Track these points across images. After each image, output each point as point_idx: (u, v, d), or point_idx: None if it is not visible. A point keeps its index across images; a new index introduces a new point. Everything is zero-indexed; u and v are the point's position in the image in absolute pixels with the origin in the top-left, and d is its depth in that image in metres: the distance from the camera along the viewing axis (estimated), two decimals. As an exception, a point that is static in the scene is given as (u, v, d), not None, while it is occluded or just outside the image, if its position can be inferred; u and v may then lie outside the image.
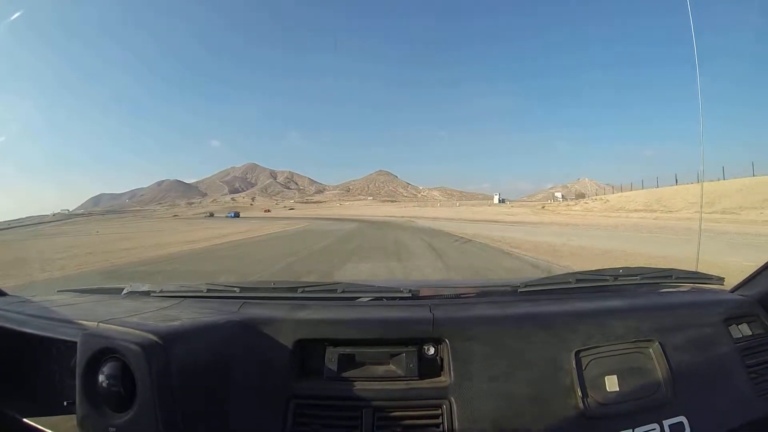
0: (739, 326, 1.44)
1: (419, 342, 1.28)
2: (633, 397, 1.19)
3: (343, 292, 1.54)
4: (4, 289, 1.78)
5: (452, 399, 1.17)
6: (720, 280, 1.70)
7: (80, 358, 1.11)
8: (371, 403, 1.18)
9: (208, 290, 1.65)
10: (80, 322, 1.26)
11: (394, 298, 1.55)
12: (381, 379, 1.24)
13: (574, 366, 1.21)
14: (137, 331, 1.11)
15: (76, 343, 1.14)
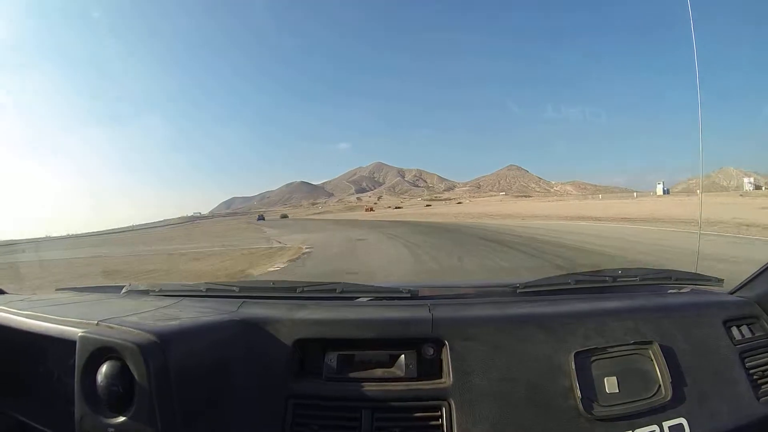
0: (739, 328, 1.44)
1: (418, 342, 1.28)
2: (632, 399, 1.19)
3: (342, 292, 1.56)
4: (3, 288, 1.81)
5: (451, 400, 1.17)
6: (719, 281, 1.71)
7: (79, 358, 1.11)
8: (370, 404, 1.18)
9: (207, 289, 1.66)
10: (79, 321, 1.25)
11: (393, 299, 1.57)
12: (380, 379, 1.24)
13: (574, 367, 1.20)
14: (136, 331, 1.11)
15: (74, 342, 1.13)
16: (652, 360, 1.26)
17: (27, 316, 1.39)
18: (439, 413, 1.16)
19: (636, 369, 1.24)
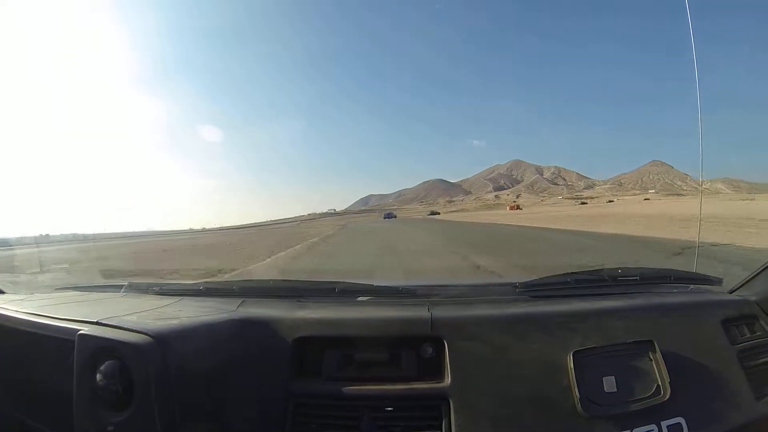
0: (738, 327, 1.44)
1: (418, 342, 1.28)
2: (631, 398, 1.19)
3: (341, 291, 1.56)
4: (2, 288, 1.80)
5: (450, 399, 1.17)
6: (718, 280, 1.71)
7: (78, 357, 1.11)
8: (369, 403, 1.18)
9: (207, 288, 1.67)
10: (78, 320, 1.26)
11: (392, 297, 1.57)
12: (379, 379, 1.24)
13: (572, 367, 1.20)
14: (135, 330, 1.11)
15: (74, 341, 1.14)
16: (650, 359, 1.25)
17: (26, 315, 1.40)
18: (439, 413, 1.16)
19: (635, 368, 1.24)
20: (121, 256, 16.60)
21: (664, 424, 1.17)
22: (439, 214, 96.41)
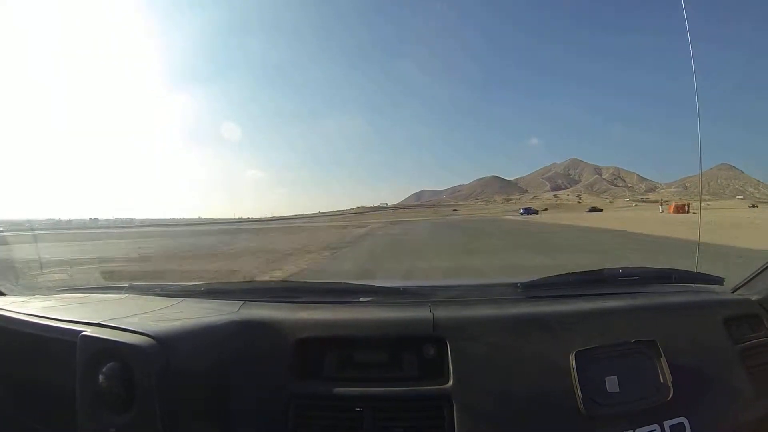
0: (740, 327, 1.43)
1: (419, 342, 1.28)
2: (633, 398, 1.18)
3: (343, 292, 1.56)
4: (4, 289, 1.79)
5: (453, 400, 1.17)
6: (720, 280, 1.70)
7: (80, 359, 1.11)
8: (371, 404, 1.17)
9: (209, 290, 1.66)
10: (80, 321, 1.25)
11: (393, 298, 1.56)
12: (381, 379, 1.24)
13: (574, 367, 1.19)
14: (137, 332, 1.11)
15: (75, 342, 1.14)
16: (653, 359, 1.25)
17: (28, 317, 1.39)
18: (441, 413, 1.16)
19: (637, 368, 1.23)
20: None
21: (667, 424, 1.17)
22: (537, 213, 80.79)
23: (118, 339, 1.09)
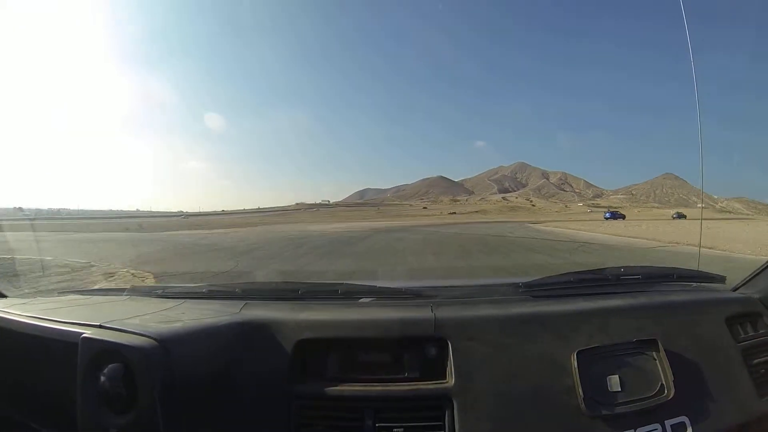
0: (741, 325, 1.44)
1: (421, 342, 1.28)
2: (635, 397, 1.19)
3: (344, 292, 1.56)
4: (5, 291, 1.81)
5: (454, 400, 1.17)
6: (722, 278, 1.71)
7: (81, 360, 1.11)
8: (373, 405, 1.18)
9: (210, 291, 1.67)
10: (81, 323, 1.26)
11: (395, 299, 1.57)
12: (383, 380, 1.24)
13: (576, 366, 1.20)
14: (138, 333, 1.11)
15: (77, 344, 1.14)
16: (654, 358, 1.25)
17: (29, 319, 1.39)
18: (442, 413, 1.16)
19: (639, 367, 1.24)
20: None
21: (668, 423, 1.16)
22: (624, 217, 67.01)
23: (119, 340, 1.09)
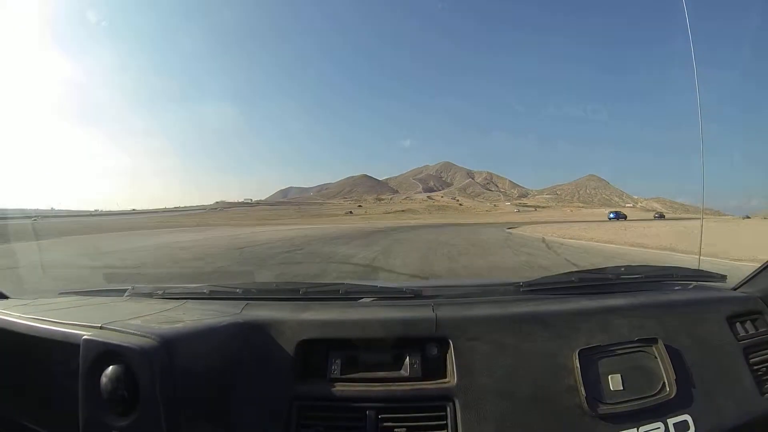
0: (743, 324, 1.44)
1: (422, 342, 1.28)
2: (637, 396, 1.19)
3: (345, 292, 1.55)
4: (6, 293, 1.80)
5: (456, 400, 1.17)
6: (722, 277, 1.71)
7: (83, 361, 1.11)
8: (375, 405, 1.17)
9: (211, 291, 1.66)
10: (83, 324, 1.25)
11: (396, 299, 1.56)
12: (384, 379, 1.23)
13: (578, 365, 1.20)
14: (140, 334, 1.11)
15: (78, 345, 1.13)
16: (656, 357, 1.26)
17: (30, 320, 1.39)
18: (444, 413, 1.16)
19: (640, 366, 1.25)
20: None
21: (671, 421, 1.17)
22: (626, 217, 63.70)
23: (120, 342, 1.10)
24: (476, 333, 1.27)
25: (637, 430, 1.15)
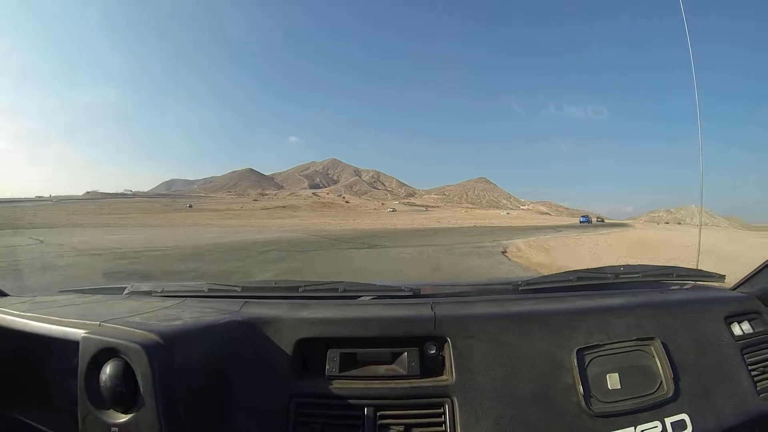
0: (740, 324, 1.44)
1: (421, 340, 1.28)
2: (635, 395, 1.20)
3: (344, 291, 1.55)
4: (5, 290, 1.80)
5: (454, 398, 1.17)
6: (721, 277, 1.71)
7: (82, 358, 1.11)
8: (373, 402, 1.18)
9: (210, 289, 1.65)
10: (82, 322, 1.25)
11: (395, 297, 1.56)
12: (383, 377, 1.24)
13: (576, 364, 1.21)
14: (139, 331, 1.11)
15: (77, 343, 1.14)
16: (653, 356, 1.26)
17: (29, 318, 1.38)
18: (442, 410, 1.16)
19: (638, 365, 1.25)
20: None
21: (668, 420, 1.17)
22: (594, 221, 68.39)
23: (120, 339, 1.10)
24: (475, 331, 1.27)
25: (635, 429, 1.16)
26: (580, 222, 64.57)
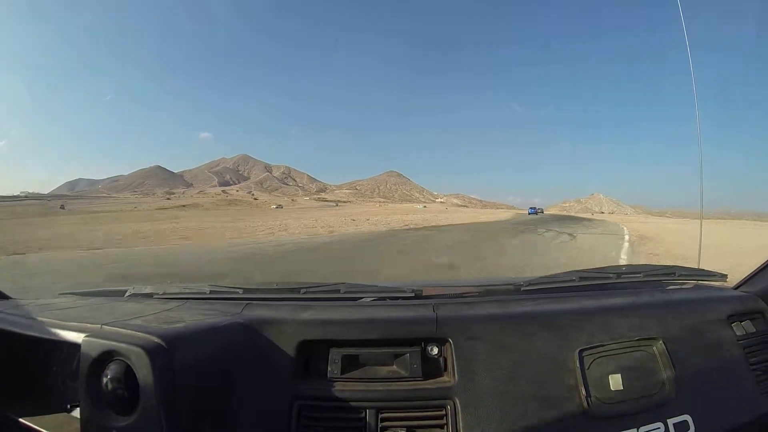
0: (743, 323, 1.44)
1: (423, 342, 1.29)
2: (637, 396, 1.20)
3: (345, 292, 1.55)
4: (6, 293, 1.79)
5: (456, 399, 1.17)
6: (723, 277, 1.71)
7: (83, 361, 1.12)
8: (375, 404, 1.18)
9: (211, 292, 1.66)
10: (83, 324, 1.25)
11: (396, 298, 1.56)
12: (385, 379, 1.24)
13: (578, 365, 1.21)
14: (140, 334, 1.11)
15: (78, 345, 1.14)
16: (656, 356, 1.26)
17: (30, 321, 1.38)
18: (444, 412, 1.17)
19: (640, 366, 1.25)
20: None
21: (671, 422, 1.17)
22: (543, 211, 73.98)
23: (121, 341, 1.10)
24: (477, 332, 1.27)
25: (637, 430, 1.15)
26: (529, 213, 66.19)
